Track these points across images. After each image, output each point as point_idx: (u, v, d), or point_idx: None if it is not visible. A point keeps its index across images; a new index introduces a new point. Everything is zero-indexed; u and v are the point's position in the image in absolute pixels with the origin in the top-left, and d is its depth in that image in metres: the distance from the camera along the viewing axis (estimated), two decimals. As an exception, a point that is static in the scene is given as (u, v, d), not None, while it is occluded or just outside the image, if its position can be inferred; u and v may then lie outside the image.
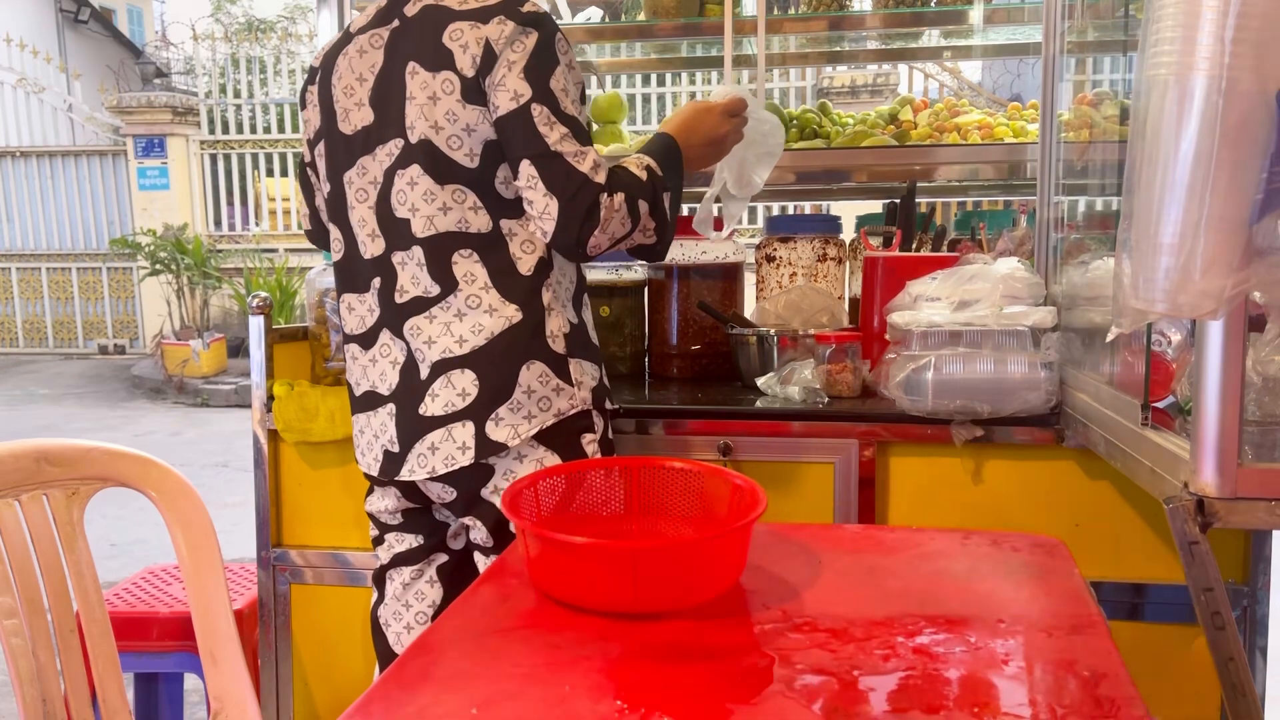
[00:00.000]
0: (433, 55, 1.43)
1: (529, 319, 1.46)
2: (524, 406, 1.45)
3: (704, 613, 1.00)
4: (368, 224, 1.51)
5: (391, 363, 1.51)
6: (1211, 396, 1.01)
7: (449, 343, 1.46)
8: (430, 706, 0.81)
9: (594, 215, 1.40)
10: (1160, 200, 0.95)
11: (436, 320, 1.46)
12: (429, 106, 1.43)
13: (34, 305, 11.27)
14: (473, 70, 1.41)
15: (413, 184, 1.45)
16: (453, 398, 1.45)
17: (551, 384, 1.47)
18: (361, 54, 1.51)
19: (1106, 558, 1.66)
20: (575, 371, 1.49)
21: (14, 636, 1.35)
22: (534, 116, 1.39)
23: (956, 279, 1.67)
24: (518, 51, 1.40)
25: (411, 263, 1.47)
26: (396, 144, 1.46)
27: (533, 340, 1.46)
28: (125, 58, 13.30)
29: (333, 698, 1.96)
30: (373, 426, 1.54)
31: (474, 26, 1.41)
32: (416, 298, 1.47)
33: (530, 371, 1.45)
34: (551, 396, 1.46)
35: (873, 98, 9.48)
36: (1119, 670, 0.84)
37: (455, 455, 1.45)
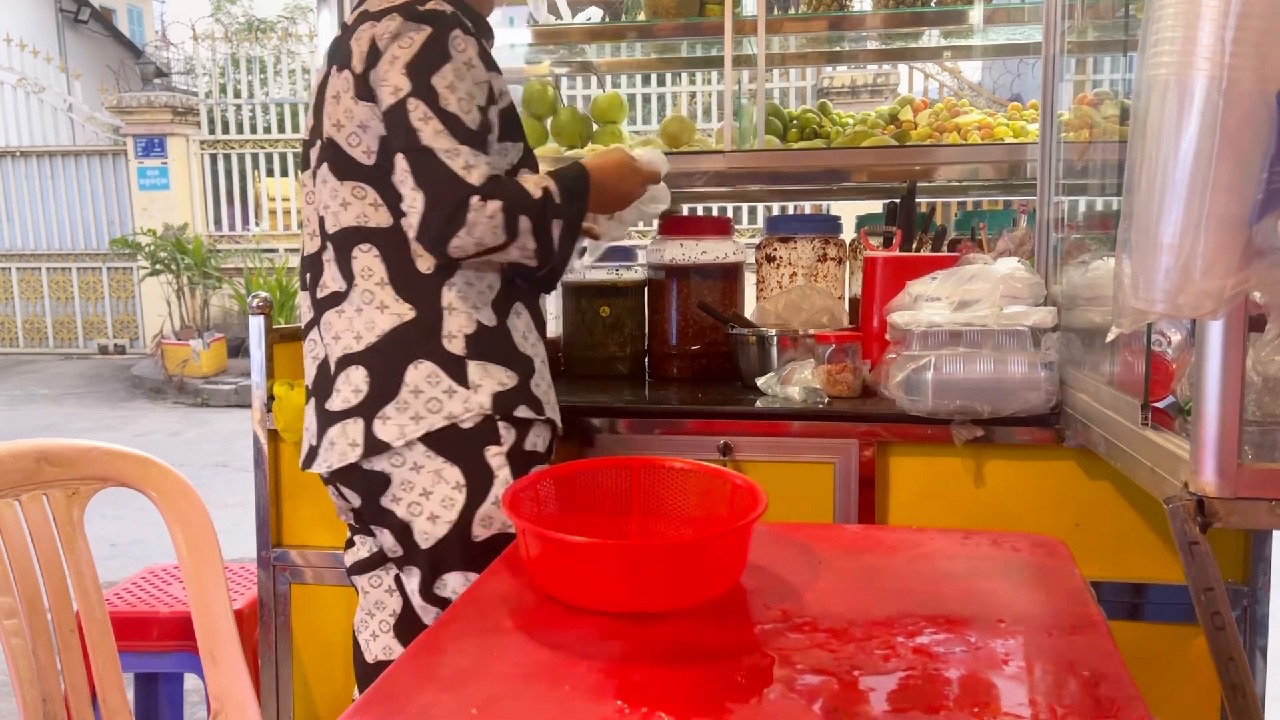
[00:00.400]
0: (342, 57, 1.47)
1: (423, 318, 1.44)
2: (410, 406, 1.43)
3: (704, 613, 1.00)
4: (309, 222, 1.56)
5: (314, 358, 1.55)
6: (1211, 396, 1.01)
7: (349, 339, 1.47)
8: (430, 706, 0.81)
9: (459, 215, 1.35)
10: (1160, 200, 0.95)
11: (343, 315, 1.48)
12: (331, 104, 1.47)
13: (34, 305, 11.27)
14: (361, 66, 1.42)
15: (324, 181, 1.49)
16: (349, 394, 1.47)
17: (442, 385, 1.43)
18: (320, 71, 1.57)
19: (1106, 558, 1.66)
20: (474, 374, 1.45)
21: (14, 636, 1.35)
22: (409, 111, 1.37)
23: (956, 279, 1.67)
24: (404, 47, 1.39)
25: (326, 258, 1.51)
26: (318, 145, 1.51)
27: (425, 339, 1.44)
28: (125, 58, 13.30)
29: (333, 698, 1.96)
30: (307, 419, 1.58)
31: (371, 25, 1.43)
32: (332, 293, 1.50)
33: (418, 371, 1.43)
34: (442, 398, 1.43)
35: (873, 98, 9.47)
36: (1119, 670, 0.84)
37: (347, 451, 1.46)
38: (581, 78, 5.67)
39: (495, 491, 1.46)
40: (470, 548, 1.47)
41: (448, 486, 1.45)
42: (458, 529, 1.46)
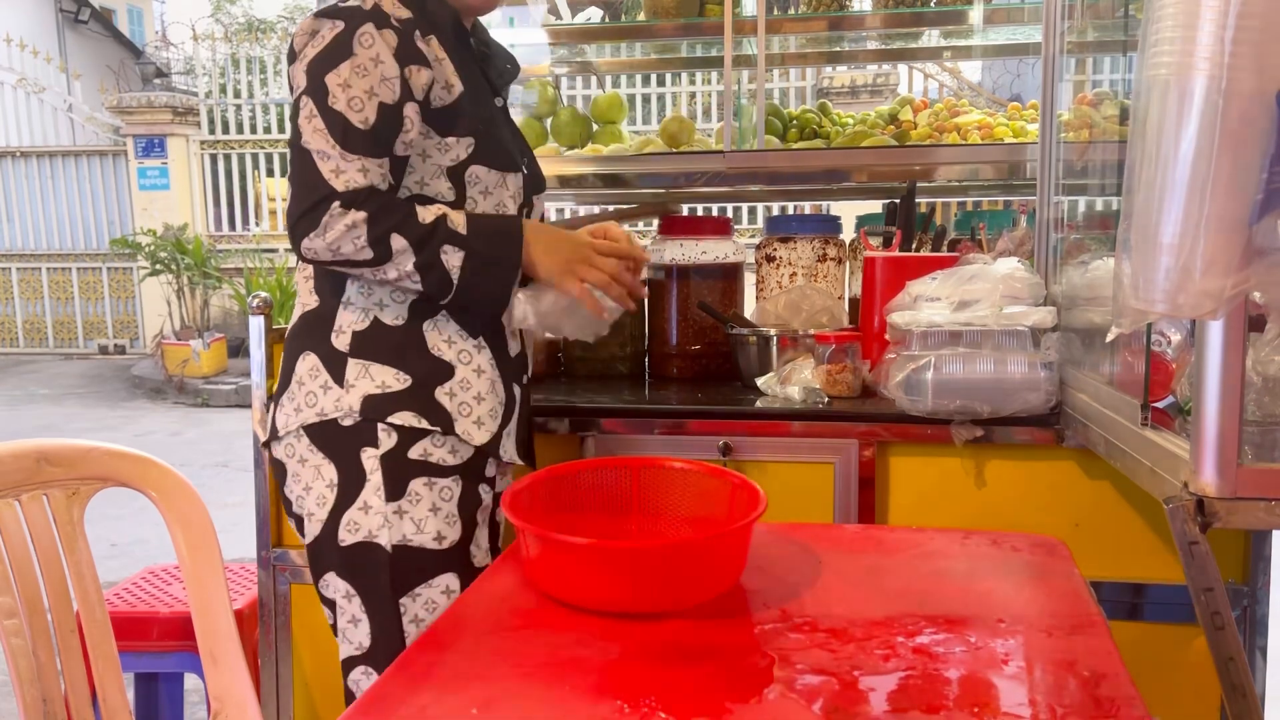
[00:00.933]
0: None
1: (322, 309, 1.43)
2: (295, 397, 1.42)
3: (704, 613, 0.99)
4: None
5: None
6: (1211, 396, 1.01)
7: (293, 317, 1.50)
8: (430, 706, 0.81)
9: (314, 217, 1.31)
10: (1160, 200, 0.95)
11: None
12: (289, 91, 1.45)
13: (34, 305, 11.27)
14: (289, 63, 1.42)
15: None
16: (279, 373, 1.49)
17: (320, 379, 1.41)
18: None
19: (1106, 558, 1.66)
20: (351, 373, 1.39)
21: (14, 636, 1.35)
22: (300, 109, 1.35)
23: (956, 279, 1.67)
24: (314, 46, 1.36)
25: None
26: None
27: (315, 331, 1.43)
28: (125, 58, 13.30)
29: (333, 698, 1.96)
30: None
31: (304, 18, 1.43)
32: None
33: (304, 363, 1.42)
34: (318, 393, 1.40)
35: (873, 98, 9.47)
36: (1119, 670, 0.84)
37: (259, 431, 1.49)
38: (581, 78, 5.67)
39: (364, 497, 1.37)
40: (338, 550, 1.39)
41: (323, 484, 1.40)
42: (328, 529, 1.40)
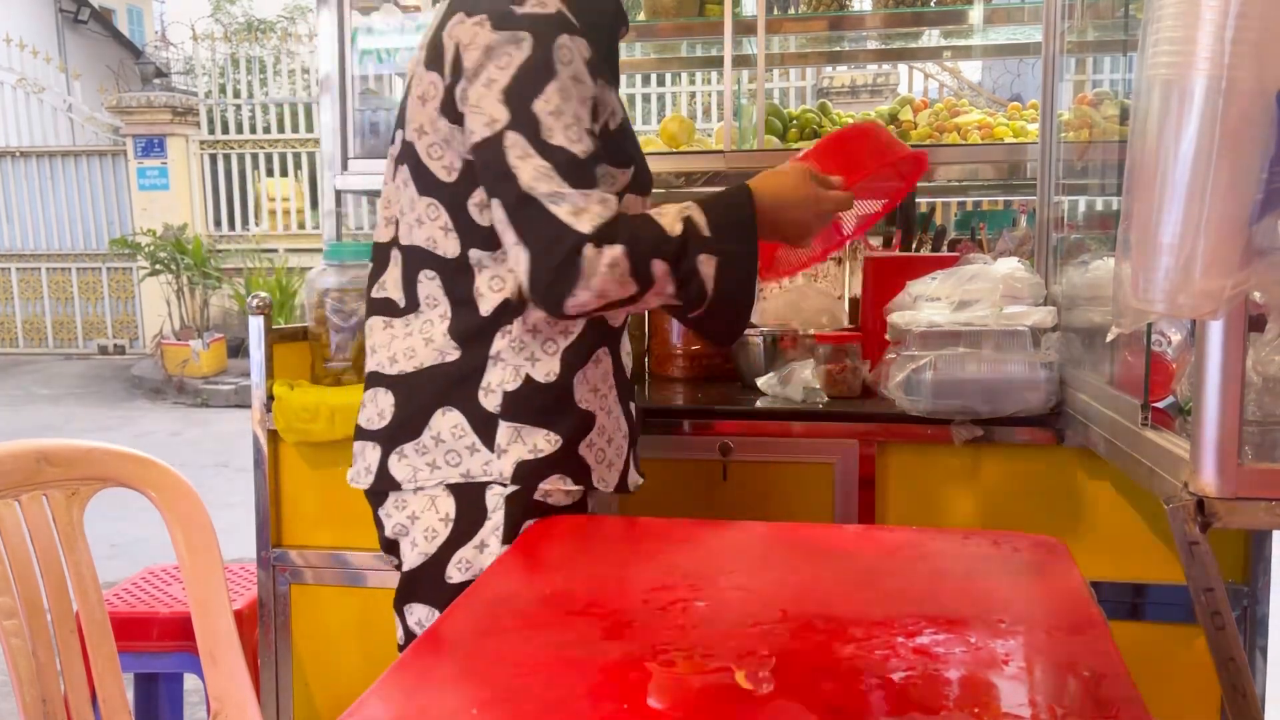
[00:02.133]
0: (431, 50, 1.28)
1: (464, 363, 1.30)
2: (429, 452, 1.31)
3: (703, 613, 1.00)
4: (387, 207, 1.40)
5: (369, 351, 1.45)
6: (1211, 396, 1.01)
7: (384, 357, 1.35)
8: (430, 706, 0.81)
9: (570, 269, 1.17)
10: (1160, 200, 0.95)
11: (387, 328, 1.36)
12: (417, 106, 1.29)
13: (34, 305, 11.27)
14: (449, 76, 1.24)
15: (403, 185, 1.34)
16: (373, 414, 1.36)
17: (466, 440, 1.30)
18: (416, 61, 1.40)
19: (1106, 558, 1.66)
20: (504, 437, 1.29)
21: (14, 636, 1.35)
22: (506, 147, 1.18)
23: (956, 279, 1.67)
24: (501, 67, 1.19)
25: (393, 262, 1.37)
26: (400, 135, 1.35)
27: (459, 387, 1.30)
28: (125, 58, 13.30)
29: (333, 698, 1.96)
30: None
31: (459, 21, 1.23)
32: (388, 299, 1.37)
33: (444, 418, 1.30)
34: (463, 454, 1.30)
35: (873, 98, 9.47)
36: (1119, 670, 0.84)
37: (360, 474, 1.38)
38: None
39: (482, 535, 1.31)
40: (442, 586, 1.32)
41: (435, 516, 1.32)
42: (434, 562, 1.33)
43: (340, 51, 2.33)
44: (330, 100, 2.34)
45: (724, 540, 1.27)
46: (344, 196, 2.49)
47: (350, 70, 2.35)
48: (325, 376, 1.98)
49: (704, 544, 1.26)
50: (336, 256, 1.99)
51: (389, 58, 2.44)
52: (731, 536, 1.29)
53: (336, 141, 2.33)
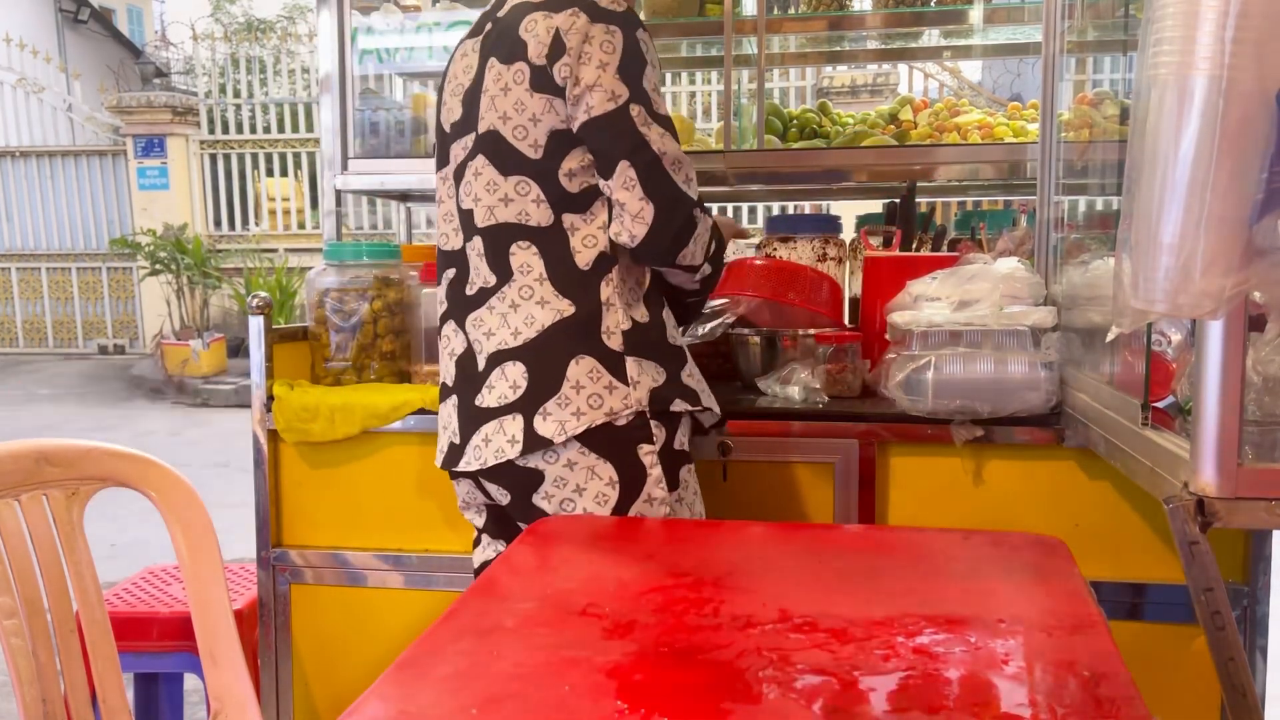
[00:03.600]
0: (509, 47, 1.43)
1: (582, 313, 1.43)
2: (572, 402, 1.42)
3: (704, 612, 0.99)
4: (452, 218, 1.53)
5: (450, 354, 1.53)
6: (1211, 396, 1.01)
7: (505, 335, 1.45)
8: (430, 706, 0.81)
9: (688, 230, 1.41)
10: (1160, 200, 0.95)
11: (495, 311, 1.47)
12: (500, 97, 1.43)
13: (34, 305, 11.27)
14: (541, 59, 1.39)
15: (478, 174, 1.46)
16: (505, 390, 1.44)
17: (603, 381, 1.42)
18: (463, 57, 1.54)
19: (1106, 558, 1.66)
20: (632, 370, 1.44)
21: (14, 636, 1.35)
22: (633, 117, 1.38)
23: (956, 279, 1.67)
24: (607, 51, 1.38)
25: (474, 253, 1.48)
26: (470, 138, 1.48)
27: (585, 335, 1.43)
28: (125, 58, 13.30)
29: (333, 698, 1.96)
30: (442, 417, 1.57)
31: (546, 16, 1.41)
32: (480, 289, 1.48)
33: (579, 366, 1.42)
34: (602, 394, 1.42)
35: (873, 98, 9.47)
36: (1119, 670, 0.84)
37: (505, 448, 1.43)
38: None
39: (648, 489, 1.45)
40: None
41: (601, 483, 1.44)
42: None
43: (340, 51, 2.33)
44: (330, 100, 2.34)
45: (724, 540, 1.27)
46: (344, 196, 2.49)
47: (350, 70, 2.35)
48: (325, 376, 1.98)
49: (704, 544, 1.26)
50: (336, 256, 1.99)
51: (389, 58, 2.44)
52: (731, 536, 1.29)
53: (336, 141, 2.33)
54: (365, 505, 1.92)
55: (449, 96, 1.55)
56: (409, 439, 1.88)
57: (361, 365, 1.97)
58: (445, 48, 2.41)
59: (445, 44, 2.40)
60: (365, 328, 1.96)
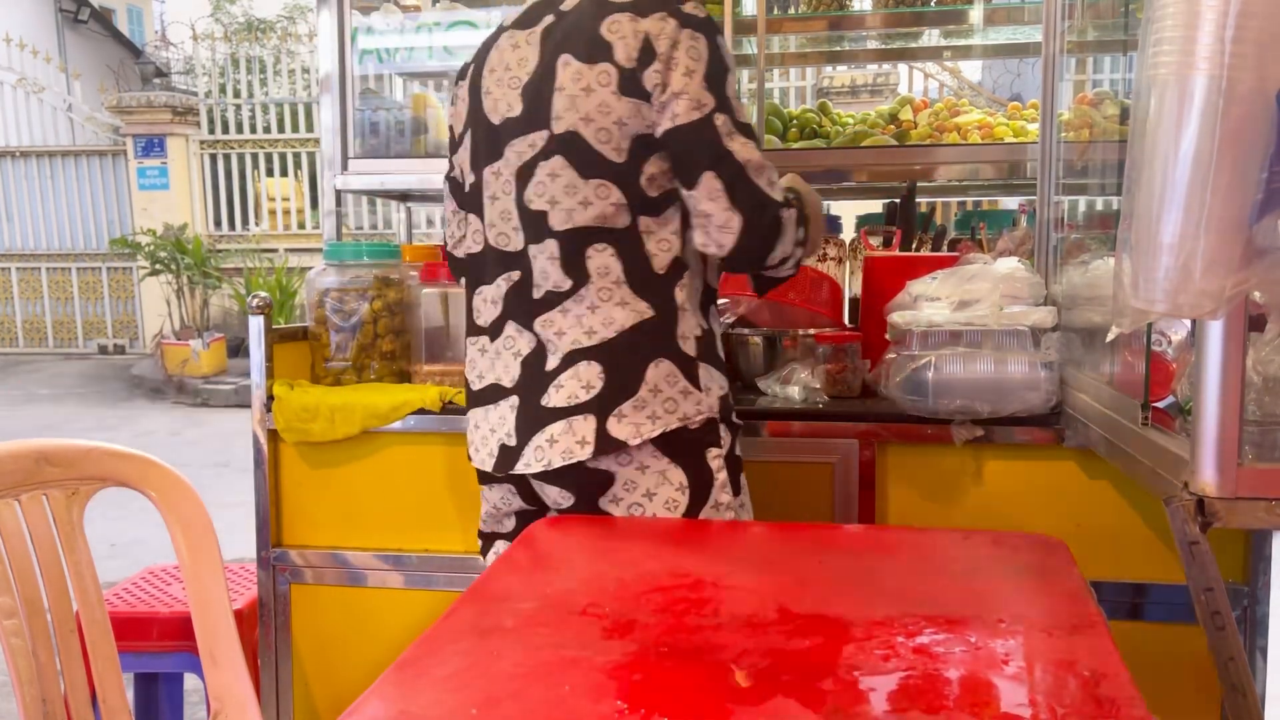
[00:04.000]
0: (589, 47, 1.40)
1: (661, 316, 1.42)
2: (648, 405, 1.40)
3: (704, 612, 0.99)
4: (511, 217, 1.47)
5: (514, 354, 1.48)
6: (1211, 396, 1.01)
7: (578, 334, 1.42)
8: (430, 706, 0.81)
9: (774, 232, 1.41)
10: (1160, 200, 0.95)
11: (569, 313, 1.43)
12: (581, 98, 1.39)
13: (34, 305, 11.27)
14: (630, 63, 1.37)
15: (554, 176, 1.41)
16: (577, 389, 1.41)
17: (679, 385, 1.41)
18: (514, 48, 1.48)
19: (1106, 558, 1.66)
20: (704, 376, 1.44)
21: (14, 636, 1.35)
22: (718, 126, 1.38)
23: (956, 279, 1.67)
24: (694, 58, 1.37)
25: (543, 256, 1.44)
26: (540, 136, 1.42)
27: (664, 338, 1.42)
28: (125, 58, 13.30)
29: (333, 698, 1.96)
30: (490, 420, 1.50)
31: (632, 19, 1.38)
32: (549, 292, 1.44)
33: (658, 370, 1.41)
34: (678, 399, 1.41)
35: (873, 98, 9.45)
36: (1119, 670, 0.84)
37: (574, 449, 1.40)
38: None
39: (715, 495, 1.44)
40: None
41: (671, 488, 1.42)
42: None
43: (340, 51, 2.33)
44: (330, 100, 2.34)
45: (724, 540, 1.27)
46: (344, 196, 2.49)
47: (350, 70, 2.35)
48: (325, 376, 1.98)
49: (704, 544, 1.27)
50: (336, 256, 1.99)
51: (389, 58, 2.44)
52: (731, 536, 1.29)
53: (336, 141, 2.33)
54: (365, 505, 1.92)
55: (495, 87, 1.48)
56: (409, 439, 1.88)
57: (361, 365, 1.97)
58: (445, 48, 2.40)
59: (445, 44, 2.40)
60: (365, 328, 1.96)
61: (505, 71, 1.48)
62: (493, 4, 2.51)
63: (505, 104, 1.47)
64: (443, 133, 2.42)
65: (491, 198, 1.49)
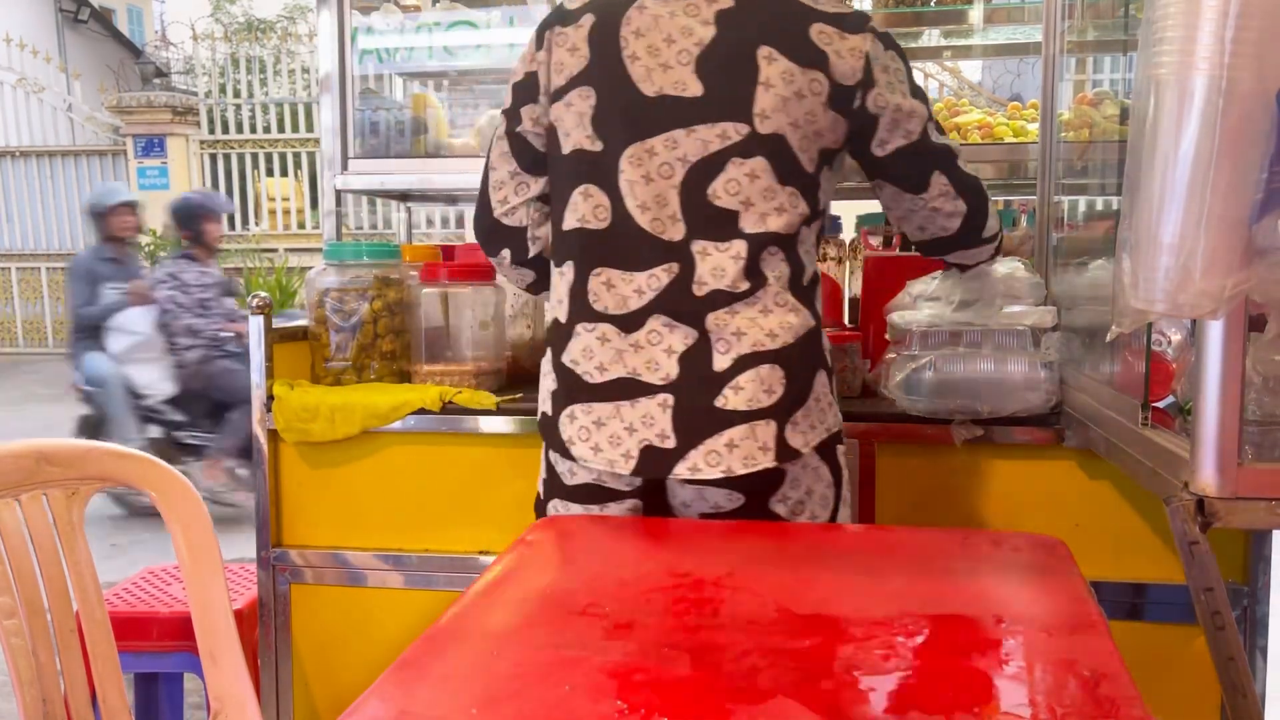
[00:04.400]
0: (798, 48, 1.35)
1: (815, 326, 1.42)
2: (811, 414, 1.39)
3: (704, 612, 0.99)
4: (668, 204, 1.37)
5: (665, 350, 1.37)
6: (1211, 396, 1.01)
7: (760, 336, 1.36)
8: (430, 706, 0.81)
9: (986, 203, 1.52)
10: (1160, 200, 0.95)
11: (741, 315, 1.37)
12: (793, 102, 1.35)
13: (34, 305, 11.27)
14: (848, 81, 1.37)
15: (753, 177, 1.35)
16: (758, 393, 1.35)
17: (828, 397, 1.43)
18: (672, 15, 1.38)
19: (1106, 558, 1.66)
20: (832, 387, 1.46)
21: (14, 637, 1.35)
22: (930, 133, 1.45)
23: (956, 279, 1.67)
24: (900, 78, 1.42)
25: (722, 255, 1.36)
26: (737, 129, 1.35)
27: (820, 348, 1.43)
28: (125, 57, 13.29)
29: (333, 698, 1.96)
30: (625, 417, 1.37)
31: (841, 35, 1.37)
32: (719, 291, 1.36)
33: (820, 379, 1.41)
34: (826, 410, 1.42)
35: (873, 97, 9.45)
36: (1119, 670, 0.84)
37: (756, 455, 1.34)
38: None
39: (844, 490, 1.46)
40: None
41: (823, 485, 1.42)
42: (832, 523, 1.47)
43: (340, 51, 2.33)
44: (330, 100, 2.34)
45: (724, 540, 1.27)
46: (344, 196, 2.49)
47: (350, 70, 2.35)
48: (325, 376, 1.98)
49: (704, 544, 1.26)
50: (336, 256, 1.99)
51: (389, 58, 2.44)
52: (732, 536, 1.29)
53: (336, 141, 2.33)
54: (365, 505, 1.92)
55: (645, 54, 1.37)
56: (409, 439, 1.88)
57: (361, 365, 1.97)
58: (445, 48, 2.40)
59: (445, 44, 2.40)
60: (365, 328, 1.96)
61: (663, 40, 1.37)
62: (492, 4, 2.51)
63: (670, 79, 1.36)
64: (442, 133, 2.42)
65: (644, 178, 1.37)
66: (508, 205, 1.51)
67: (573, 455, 1.40)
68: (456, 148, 2.40)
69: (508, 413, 1.83)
